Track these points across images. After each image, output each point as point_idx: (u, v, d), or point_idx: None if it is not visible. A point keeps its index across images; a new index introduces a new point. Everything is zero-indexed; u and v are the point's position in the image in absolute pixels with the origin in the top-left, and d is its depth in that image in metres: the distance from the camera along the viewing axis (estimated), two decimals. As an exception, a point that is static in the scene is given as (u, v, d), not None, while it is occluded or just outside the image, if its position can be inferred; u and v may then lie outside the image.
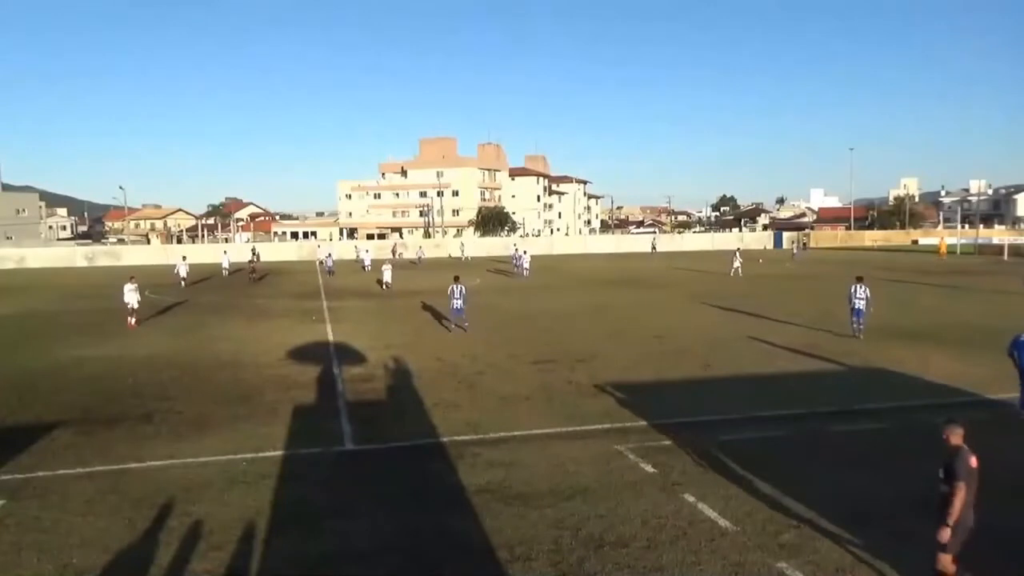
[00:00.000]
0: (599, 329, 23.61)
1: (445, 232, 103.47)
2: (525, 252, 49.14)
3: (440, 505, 9.25)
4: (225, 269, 50.88)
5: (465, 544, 8.12)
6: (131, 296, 25.51)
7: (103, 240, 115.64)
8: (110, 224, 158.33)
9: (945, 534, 6.47)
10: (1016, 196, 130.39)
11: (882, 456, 10.88)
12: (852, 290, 20.90)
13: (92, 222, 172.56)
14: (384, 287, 38.10)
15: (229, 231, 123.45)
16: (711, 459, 10.69)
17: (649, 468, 10.32)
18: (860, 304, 20.60)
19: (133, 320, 25.29)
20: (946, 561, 6.54)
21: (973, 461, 6.59)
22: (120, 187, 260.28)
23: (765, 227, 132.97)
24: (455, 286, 23.86)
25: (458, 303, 23.72)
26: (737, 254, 45.58)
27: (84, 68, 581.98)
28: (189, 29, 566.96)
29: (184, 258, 45.28)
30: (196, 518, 8.76)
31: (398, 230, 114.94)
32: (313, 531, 8.48)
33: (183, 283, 41.84)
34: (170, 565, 7.67)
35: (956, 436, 6.80)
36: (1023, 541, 8.02)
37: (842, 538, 7.98)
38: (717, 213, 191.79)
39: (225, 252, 55.57)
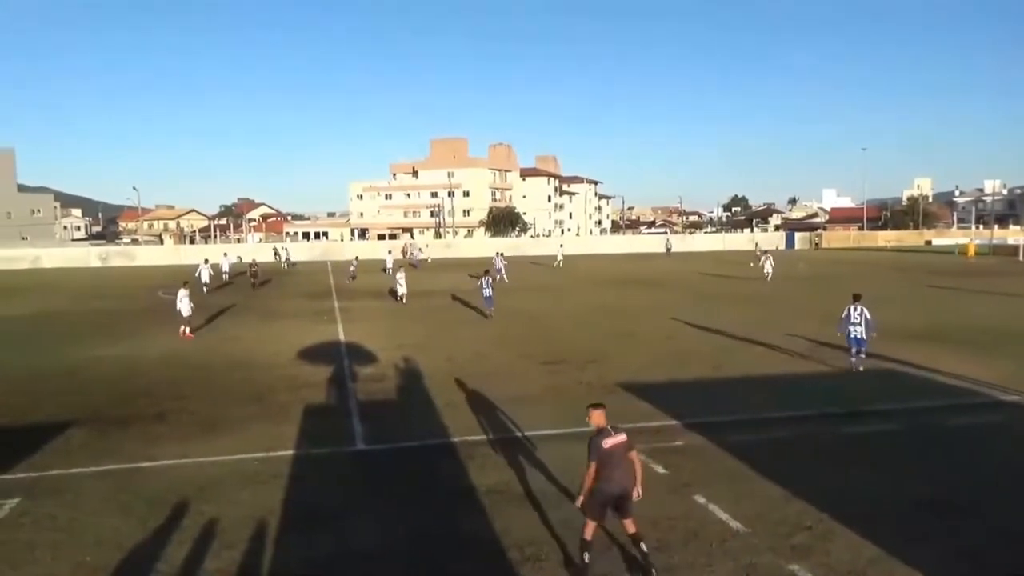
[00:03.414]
0: (609, 330, 23.56)
1: (456, 232, 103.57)
2: (500, 254, 46.13)
3: (450, 505, 9.27)
4: (225, 273, 45.66)
5: (475, 544, 8.13)
6: (184, 304, 23.21)
7: (117, 240, 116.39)
8: (124, 224, 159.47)
9: (578, 503, 7.39)
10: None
11: (894, 457, 10.82)
12: (847, 313, 16.68)
13: (106, 223, 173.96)
14: (400, 300, 31.84)
15: (241, 231, 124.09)
16: (722, 460, 10.66)
17: (660, 469, 10.29)
18: (857, 331, 16.42)
19: (187, 330, 23.14)
20: (588, 528, 7.32)
21: (606, 443, 7.25)
22: (134, 188, 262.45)
23: (777, 227, 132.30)
24: (484, 278, 27.64)
25: (487, 291, 27.10)
26: (769, 256, 42.21)
27: (100, 70, 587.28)
28: (203, 31, 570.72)
29: (206, 260, 39.62)
30: (209, 517, 8.82)
31: (409, 231, 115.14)
32: (324, 530, 8.51)
33: (205, 289, 36.65)
34: (183, 563, 7.72)
35: (595, 417, 7.46)
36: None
37: (854, 540, 7.94)
38: (728, 213, 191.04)
39: (225, 254, 49.75)
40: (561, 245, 62.19)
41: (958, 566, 7.40)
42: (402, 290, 31.97)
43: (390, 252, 56.11)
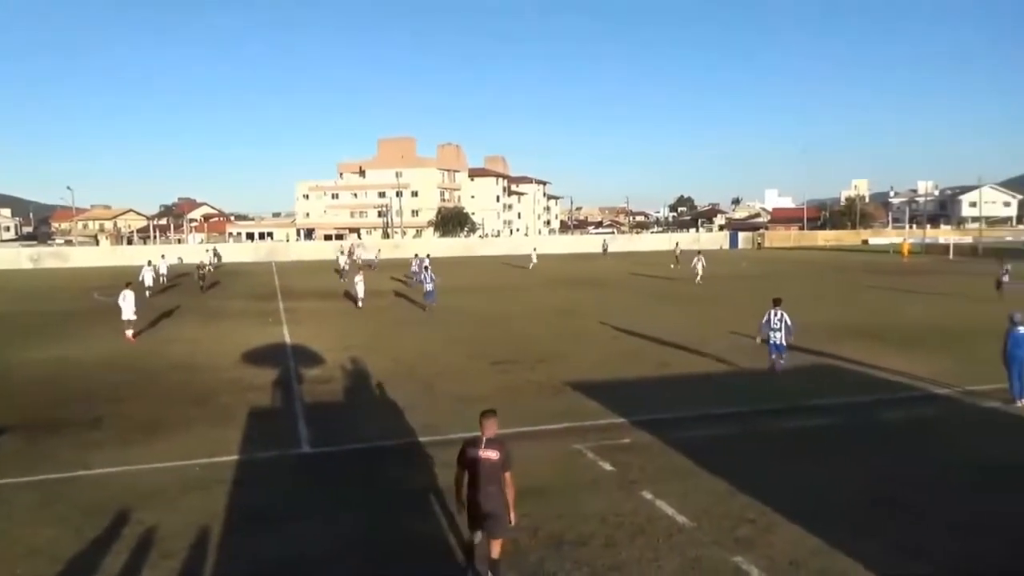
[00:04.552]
0: (558, 329, 23.70)
1: (404, 233, 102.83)
2: (427, 257, 39.53)
3: (399, 507, 9.18)
4: (162, 276, 41.73)
5: (424, 546, 8.08)
6: (128, 306, 22.49)
7: (49, 241, 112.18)
8: (57, 225, 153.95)
9: (463, 514, 7.16)
10: (961, 197, 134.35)
11: (834, 451, 11.13)
12: (767, 317, 16.35)
13: (38, 223, 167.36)
14: (358, 304, 30.16)
15: (182, 232, 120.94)
16: (668, 457, 10.81)
17: (608, 466, 10.39)
18: (777, 337, 16.10)
19: (130, 333, 22.45)
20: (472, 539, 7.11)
21: (470, 452, 6.96)
22: (68, 187, 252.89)
23: (721, 227, 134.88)
24: (425, 273, 29.47)
25: (429, 287, 28.56)
26: (699, 258, 40.11)
27: (30, 66, 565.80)
28: (140, 27, 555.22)
29: (149, 263, 38.08)
30: (148, 526, 8.56)
31: (356, 231, 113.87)
32: (270, 536, 8.35)
33: (148, 292, 35.01)
34: (119, 574, 7.48)
35: (482, 427, 7.06)
36: (974, 529, 8.24)
37: (796, 532, 8.13)
38: (675, 213, 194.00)
39: (163, 256, 45.49)
40: (535, 248, 61.38)
41: (898, 557, 7.61)
42: (361, 294, 30.34)
43: (342, 252, 54.39)
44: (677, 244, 60.88)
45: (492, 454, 6.92)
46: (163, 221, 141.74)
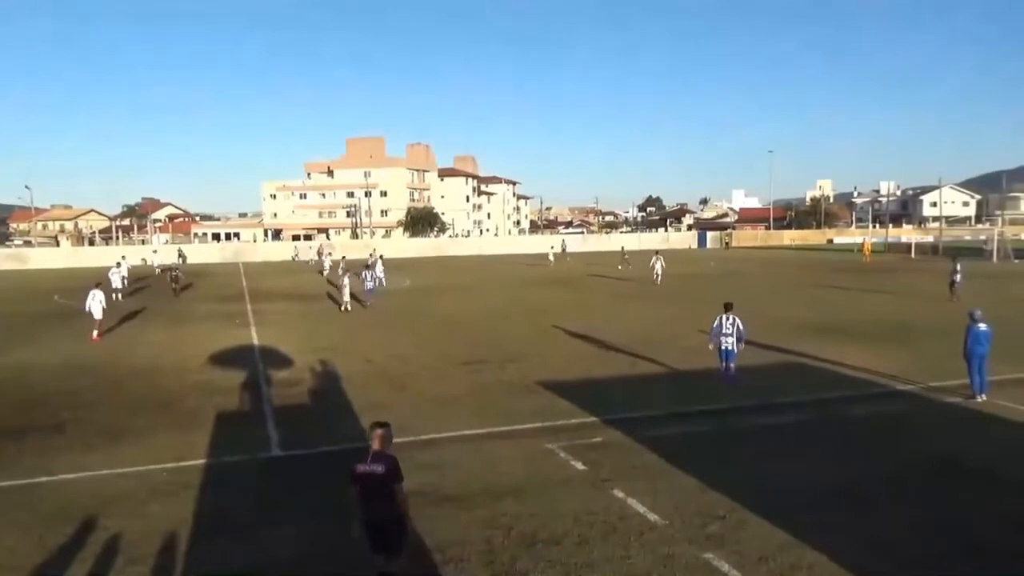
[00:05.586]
0: (529, 329, 23.71)
1: (373, 233, 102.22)
2: (381, 257, 39.83)
3: (371, 509, 9.10)
4: (124, 279, 37.60)
5: (396, 548, 8.02)
6: (96, 306, 22.72)
7: (7, 243, 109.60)
8: (15, 225, 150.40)
9: (353, 531, 6.85)
10: (922, 197, 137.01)
11: (802, 447, 11.28)
12: (718, 323, 15.51)
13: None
14: (344, 308, 29.23)
15: (146, 232, 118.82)
16: (640, 455, 10.87)
17: (579, 465, 10.42)
18: (728, 343, 15.25)
19: (95, 332, 22.62)
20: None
21: (358, 467, 6.75)
22: (26, 186, 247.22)
23: (690, 227, 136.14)
24: (367, 271, 31.47)
25: (369, 284, 30.70)
26: (658, 258, 39.28)
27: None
28: (101, 21, 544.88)
29: (119, 264, 36.93)
30: (113, 532, 8.39)
31: (325, 231, 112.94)
32: (238, 540, 8.24)
33: (119, 296, 33.97)
34: (85, 582, 7.33)
35: (372, 439, 6.95)
36: (936, 523, 8.41)
37: (765, 527, 8.23)
38: (643, 213, 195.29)
39: (124, 257, 42.12)
40: (552, 247, 64.83)
41: (864, 551, 7.74)
42: (347, 297, 29.61)
43: (330, 254, 53.14)
44: (623, 247, 63.68)
45: (377, 467, 6.67)
46: (126, 221, 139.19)
